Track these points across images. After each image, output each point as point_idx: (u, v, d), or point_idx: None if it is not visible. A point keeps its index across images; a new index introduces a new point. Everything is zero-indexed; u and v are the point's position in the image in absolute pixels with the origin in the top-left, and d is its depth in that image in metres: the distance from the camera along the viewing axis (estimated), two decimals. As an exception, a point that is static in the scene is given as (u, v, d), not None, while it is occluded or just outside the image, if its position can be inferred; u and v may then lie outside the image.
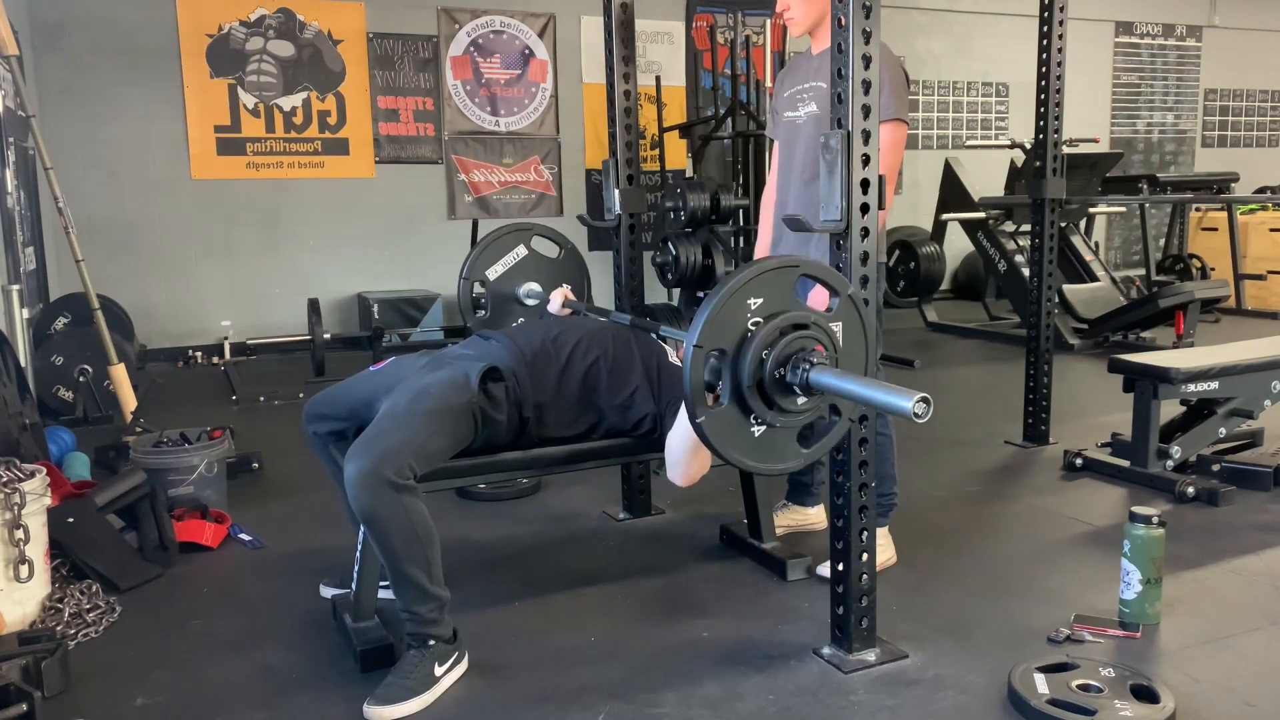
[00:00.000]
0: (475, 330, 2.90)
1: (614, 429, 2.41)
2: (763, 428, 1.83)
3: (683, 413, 2.09)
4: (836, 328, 1.87)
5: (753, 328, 1.78)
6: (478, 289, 2.99)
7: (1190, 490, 3.16)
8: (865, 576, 2.14)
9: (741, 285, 1.77)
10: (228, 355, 6.31)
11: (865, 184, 2.02)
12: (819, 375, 1.75)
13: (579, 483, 3.44)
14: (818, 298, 2.57)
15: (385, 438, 2.04)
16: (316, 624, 2.40)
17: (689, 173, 7.00)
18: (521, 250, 3.02)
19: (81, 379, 4.49)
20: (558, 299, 2.88)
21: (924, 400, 1.57)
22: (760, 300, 1.79)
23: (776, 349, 1.77)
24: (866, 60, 1.99)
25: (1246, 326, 6.69)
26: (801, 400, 1.81)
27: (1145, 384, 3.27)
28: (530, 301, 2.99)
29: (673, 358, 2.51)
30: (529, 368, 2.31)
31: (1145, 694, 1.91)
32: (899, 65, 2.53)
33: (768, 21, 7.09)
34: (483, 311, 2.99)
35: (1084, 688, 1.94)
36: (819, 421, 1.93)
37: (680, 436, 2.18)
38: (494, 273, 3.00)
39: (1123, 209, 7.64)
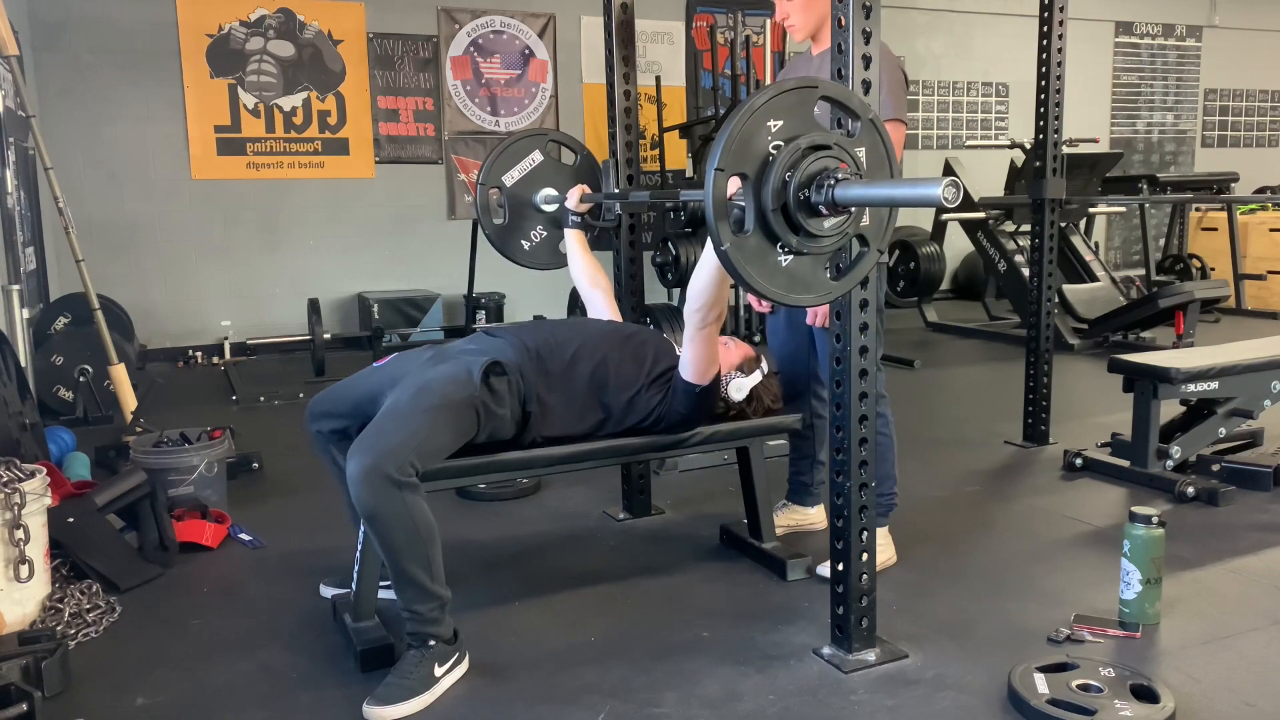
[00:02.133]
0: (497, 242, 2.91)
1: (620, 427, 2.41)
2: (789, 256, 1.76)
3: (708, 252, 2.04)
4: (859, 151, 1.80)
5: (774, 151, 1.72)
6: (495, 197, 2.93)
7: (1190, 490, 3.16)
8: (865, 576, 2.14)
9: (760, 106, 1.70)
10: (228, 355, 6.31)
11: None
12: (845, 190, 1.68)
13: (579, 483, 3.44)
14: (816, 309, 2.57)
15: (387, 435, 2.04)
16: (316, 624, 2.40)
17: (689, 173, 7.00)
18: (537, 156, 2.96)
19: (81, 379, 4.49)
20: (575, 195, 2.87)
21: (952, 184, 1.52)
22: (780, 123, 1.72)
23: (800, 169, 1.71)
24: (866, 60, 1.98)
25: (1246, 326, 6.69)
26: (829, 223, 1.74)
27: (1145, 384, 3.27)
28: (548, 207, 2.95)
29: (679, 351, 2.51)
30: (534, 363, 2.31)
31: (1145, 694, 1.91)
32: (898, 65, 2.54)
33: (768, 21, 7.09)
34: (500, 219, 2.95)
35: (1084, 688, 1.94)
36: (846, 255, 1.86)
37: (705, 276, 2.14)
38: (510, 179, 2.95)
39: (1123, 209, 7.64)
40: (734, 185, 1.72)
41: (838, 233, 1.77)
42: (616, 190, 3.05)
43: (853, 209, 1.76)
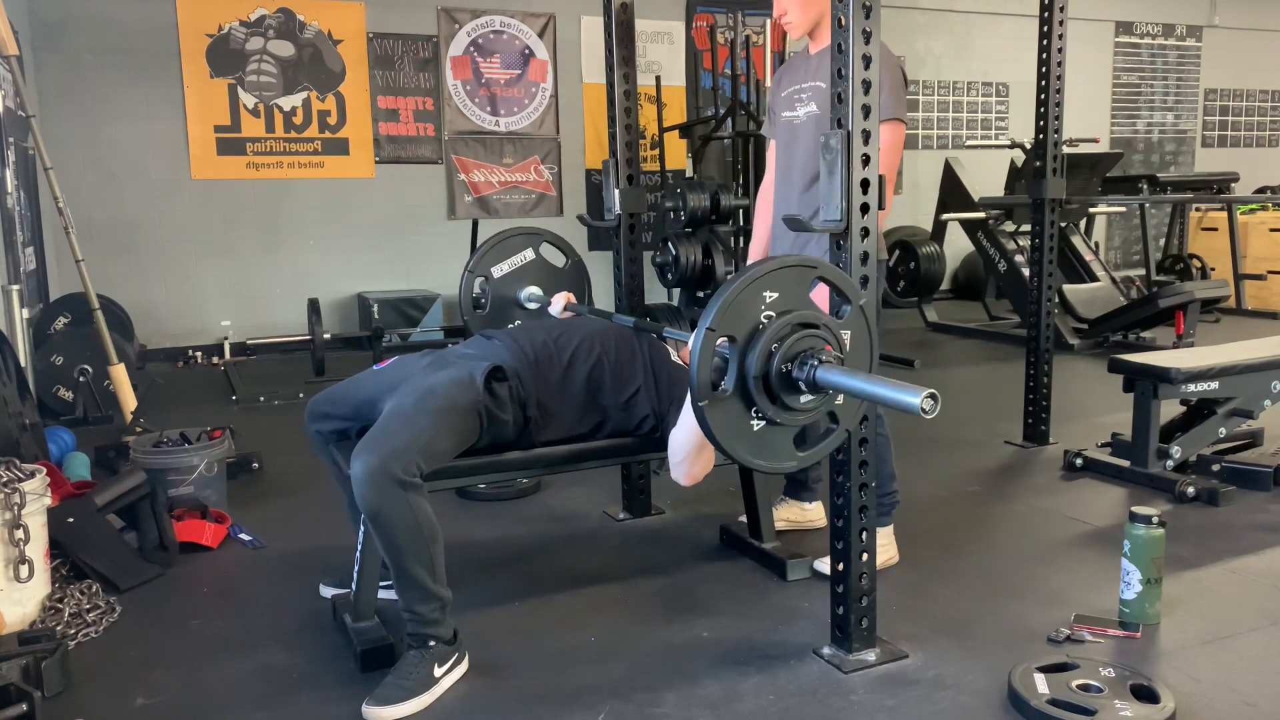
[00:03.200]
0: (475, 329, 2.90)
1: (618, 429, 2.41)
2: (762, 423, 1.83)
3: (687, 410, 2.09)
4: (845, 335, 1.88)
5: (765, 320, 1.79)
6: (480, 285, 2.99)
7: (1190, 490, 3.16)
8: (865, 576, 2.14)
9: (760, 277, 1.78)
10: (228, 355, 6.31)
11: (865, 184, 2.02)
12: (826, 373, 1.76)
13: (579, 483, 3.44)
14: (819, 295, 2.57)
15: (392, 436, 2.04)
16: (316, 624, 2.40)
17: (689, 173, 7.00)
18: (529, 254, 3.03)
19: (81, 379, 4.49)
20: (559, 303, 2.89)
21: (931, 396, 1.58)
22: (775, 295, 1.79)
23: (786, 344, 1.77)
24: (867, 60, 1.99)
25: (1246, 326, 6.69)
26: (805, 399, 1.82)
27: (1145, 384, 3.27)
28: (531, 305, 3.01)
29: (675, 357, 2.51)
30: (533, 367, 2.31)
31: (1145, 694, 1.91)
32: (897, 65, 2.54)
33: (768, 21, 7.09)
34: (482, 309, 2.99)
35: (1084, 688, 1.94)
36: (816, 428, 1.93)
37: (684, 434, 2.18)
38: (499, 271, 3.00)
39: (1123, 209, 7.64)
40: (721, 340, 1.78)
41: (812, 409, 1.85)
42: (617, 192, 3.05)
43: (829, 391, 1.82)
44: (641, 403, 2.39)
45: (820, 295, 2.47)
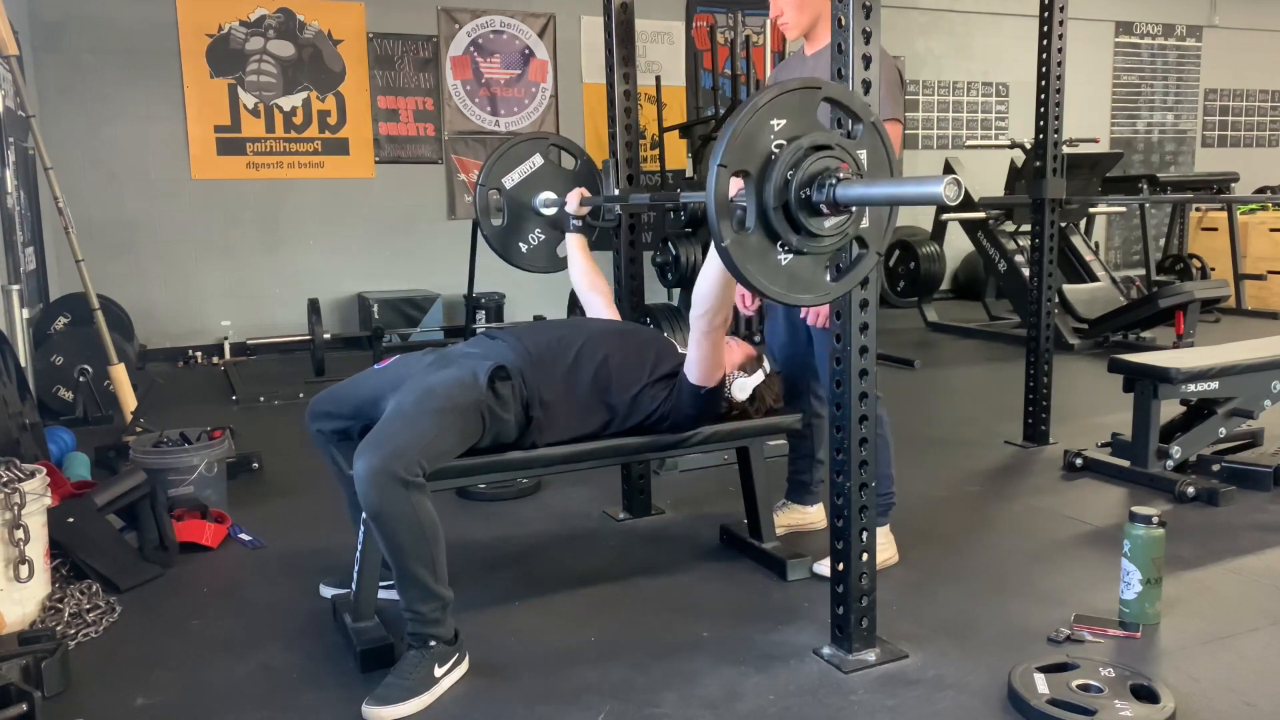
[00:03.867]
0: (495, 243, 2.90)
1: (625, 425, 2.41)
2: (790, 255, 1.77)
3: (712, 254, 2.04)
4: (861, 154, 1.80)
5: (776, 150, 1.73)
6: (494, 197, 2.93)
7: (1190, 490, 3.16)
8: (865, 576, 2.14)
9: (764, 105, 1.71)
10: (228, 355, 6.31)
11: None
12: (846, 189, 1.69)
13: (579, 483, 3.44)
14: (816, 309, 2.57)
15: (394, 435, 2.04)
16: (316, 624, 2.40)
17: (689, 173, 7.00)
18: (538, 159, 2.96)
19: (81, 379, 4.49)
20: (574, 199, 2.86)
21: (954, 182, 1.53)
22: (783, 122, 1.73)
23: (802, 168, 1.71)
24: (866, 60, 1.99)
25: (1246, 326, 6.69)
26: (829, 223, 1.75)
27: (1145, 384, 3.27)
28: (547, 210, 2.95)
29: (682, 349, 2.51)
30: (536, 367, 2.31)
31: (1145, 694, 1.91)
32: (894, 66, 2.54)
33: (768, 21, 7.08)
34: (499, 219, 2.94)
35: (1084, 688, 1.94)
36: (845, 257, 1.87)
37: (709, 279, 2.15)
38: (510, 181, 2.95)
39: (1123, 209, 7.63)
40: (736, 186, 1.72)
41: (838, 233, 1.78)
42: (616, 192, 3.05)
43: (853, 209, 1.77)
44: (647, 400, 2.39)
45: (819, 312, 2.48)
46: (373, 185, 6.84)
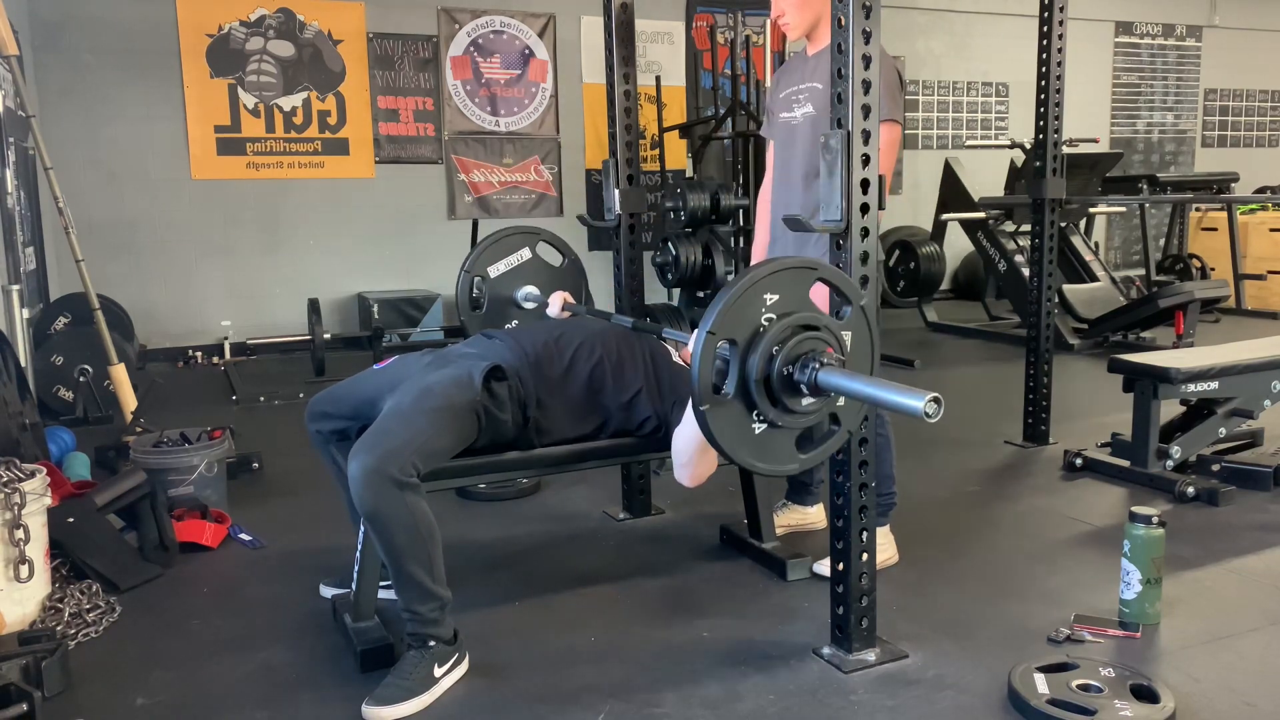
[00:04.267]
0: (473, 329, 2.91)
1: (619, 429, 2.41)
2: (764, 426, 1.83)
3: (689, 413, 2.09)
4: (846, 335, 1.88)
5: (766, 323, 1.78)
6: (477, 285, 2.98)
7: (1190, 490, 3.16)
8: (865, 576, 2.14)
9: (760, 279, 1.77)
10: (228, 355, 6.31)
11: (865, 184, 2.02)
12: (828, 375, 1.75)
13: (579, 483, 3.44)
14: (819, 294, 2.57)
15: (390, 435, 2.04)
16: (316, 624, 2.40)
17: (689, 173, 7.00)
18: (525, 253, 3.04)
19: (81, 379, 4.49)
20: (557, 302, 2.89)
21: (935, 400, 1.57)
22: (776, 297, 1.79)
23: (787, 346, 1.77)
24: (866, 60, 1.99)
25: (1246, 326, 6.69)
26: (806, 401, 1.81)
27: (1145, 384, 3.27)
28: (528, 305, 3.01)
29: (676, 358, 2.51)
30: (533, 367, 2.31)
31: (1145, 694, 1.91)
32: (893, 66, 2.54)
33: (768, 21, 7.08)
34: (480, 309, 2.99)
35: (1084, 688, 1.94)
36: (818, 429, 1.93)
37: (687, 436, 2.18)
38: (495, 271, 3.00)
39: (1123, 209, 7.63)
40: (721, 344, 1.77)
41: (814, 411, 1.85)
42: (617, 192, 3.05)
43: (831, 393, 1.81)
44: (643, 403, 2.39)
45: (820, 293, 2.47)
46: (373, 185, 6.84)
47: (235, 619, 2.45)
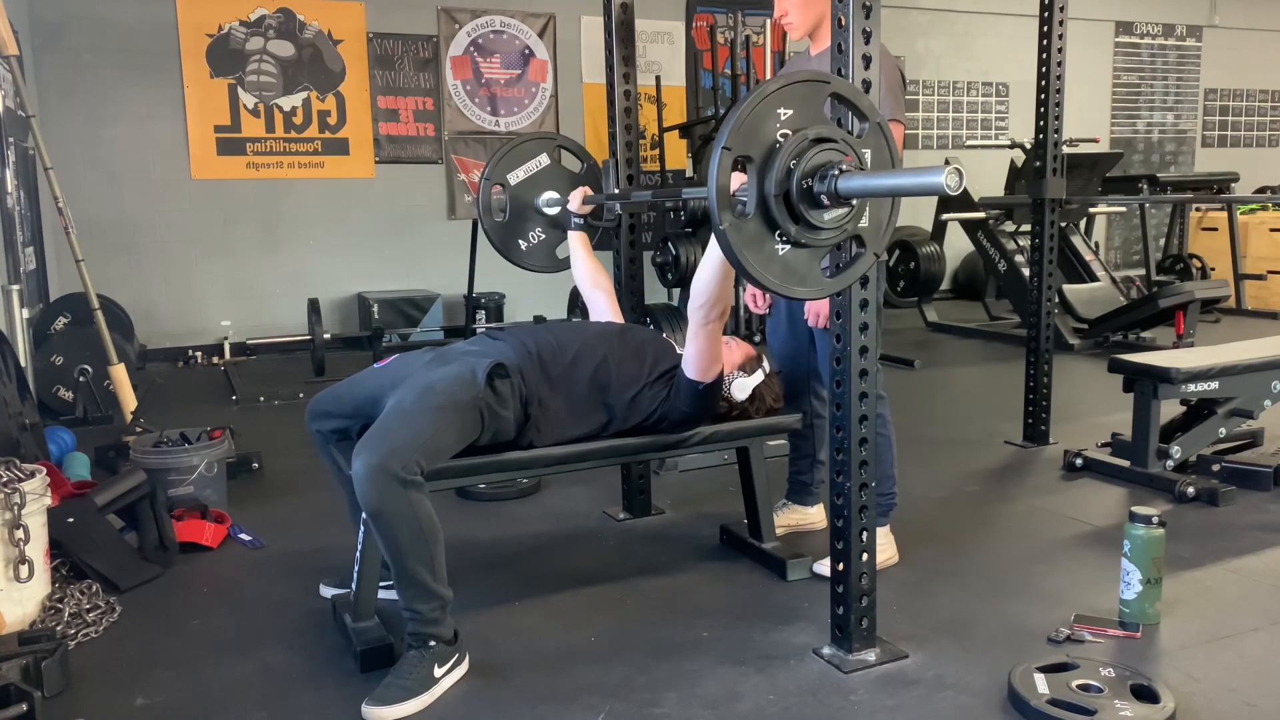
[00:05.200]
0: (496, 238, 2.90)
1: (624, 426, 2.41)
2: (787, 246, 1.77)
3: (712, 245, 2.05)
4: (865, 152, 1.80)
5: (781, 138, 1.73)
6: (497, 193, 2.94)
7: (1190, 490, 3.16)
8: (865, 576, 2.14)
9: (771, 93, 1.71)
10: (228, 355, 6.31)
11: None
12: (848, 180, 1.69)
13: (579, 483, 3.44)
14: (817, 309, 2.57)
15: (392, 433, 2.04)
16: (316, 624, 2.40)
17: (689, 173, 7.00)
18: (544, 159, 2.97)
19: (81, 379, 4.49)
20: (577, 197, 2.87)
21: (956, 171, 1.52)
22: (790, 112, 1.73)
23: (805, 158, 1.71)
24: (867, 60, 1.98)
25: (1246, 326, 6.69)
26: (829, 215, 1.75)
27: (1145, 384, 3.27)
28: (550, 209, 2.96)
29: (680, 350, 2.51)
30: (535, 366, 2.31)
31: (1145, 694, 1.91)
32: (895, 66, 2.54)
33: (768, 21, 7.08)
34: (502, 215, 2.95)
35: (1084, 688, 1.94)
36: (843, 253, 1.87)
37: (707, 270, 2.15)
38: (515, 177, 2.95)
39: (1123, 209, 7.63)
40: (738, 180, 1.73)
41: (837, 227, 1.78)
42: (617, 190, 3.05)
43: (853, 204, 1.76)
44: (646, 400, 2.39)
45: (820, 306, 2.48)
46: (373, 185, 6.84)
47: (235, 619, 2.45)
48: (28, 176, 5.14)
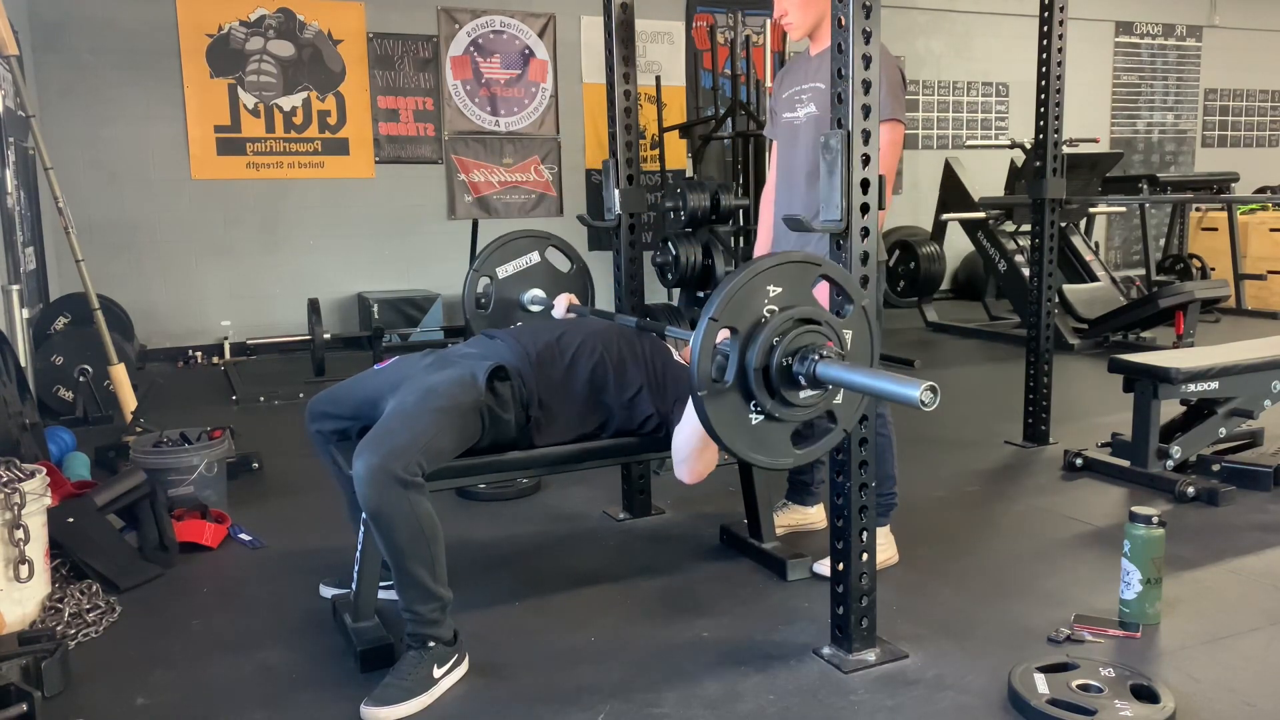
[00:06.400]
0: (477, 329, 2.90)
1: (621, 428, 2.42)
2: (761, 417, 1.83)
3: (690, 409, 2.10)
4: (847, 334, 1.88)
5: (768, 314, 1.79)
6: (484, 285, 2.99)
7: (1190, 490, 3.16)
8: (865, 576, 2.14)
9: (764, 270, 1.78)
10: (228, 355, 6.31)
11: (865, 184, 2.02)
12: (827, 368, 1.75)
13: (579, 483, 3.44)
14: (820, 293, 2.57)
15: (394, 435, 2.04)
16: (316, 624, 2.40)
17: (689, 173, 7.00)
18: (534, 257, 3.05)
19: (81, 379, 4.49)
20: (562, 304, 2.89)
21: (931, 389, 1.58)
22: (779, 290, 1.80)
23: (788, 338, 1.78)
24: (866, 60, 1.99)
25: (1246, 326, 6.69)
26: (804, 395, 1.82)
27: (1145, 384, 3.27)
28: (534, 308, 3.02)
29: (678, 357, 2.51)
30: (535, 367, 2.31)
31: (1145, 694, 1.91)
32: (896, 66, 2.54)
33: (768, 21, 7.08)
34: (485, 310, 2.99)
35: (1084, 688, 1.94)
36: (815, 426, 1.93)
37: (687, 432, 2.19)
38: (504, 272, 3.01)
39: (1123, 209, 7.63)
40: (722, 334, 1.78)
41: (810, 405, 1.85)
42: (616, 198, 3.05)
43: (829, 386, 1.81)
44: (644, 402, 2.39)
45: (821, 292, 2.47)
46: (373, 185, 6.84)
47: (235, 619, 2.45)
48: (28, 176, 5.14)
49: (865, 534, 2.13)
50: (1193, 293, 5.63)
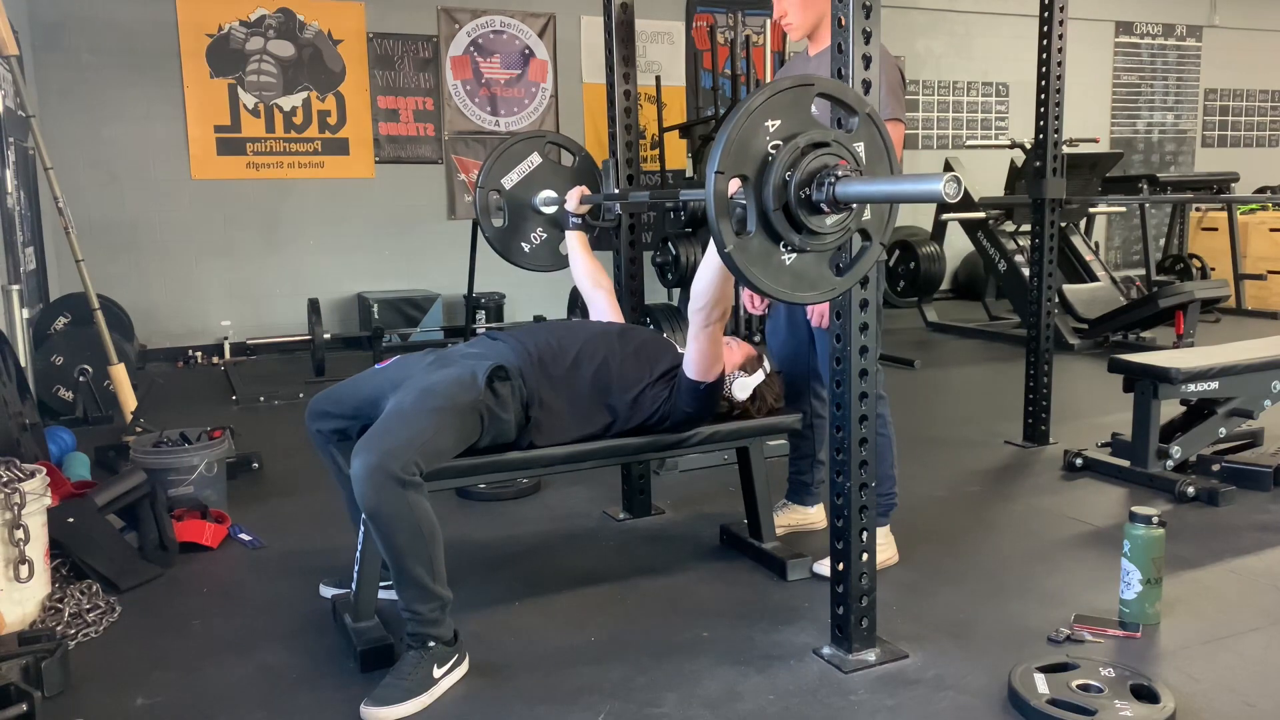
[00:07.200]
0: (497, 244, 2.90)
1: (627, 426, 2.42)
2: (793, 255, 1.76)
3: (710, 251, 2.05)
4: (858, 147, 1.79)
5: (773, 150, 1.72)
6: (494, 198, 2.93)
7: (1190, 490, 3.16)
8: (865, 576, 2.14)
9: (757, 107, 1.70)
10: (228, 355, 6.31)
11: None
12: (846, 186, 1.68)
13: (579, 483, 3.44)
14: (820, 310, 2.57)
15: (392, 434, 2.04)
16: (316, 624, 2.40)
17: (689, 173, 7.00)
18: (536, 158, 2.96)
19: (81, 379, 4.49)
20: (574, 197, 2.87)
21: (953, 180, 1.52)
22: (778, 122, 1.72)
23: (800, 168, 1.71)
24: (866, 60, 1.98)
25: (1246, 326, 6.69)
26: (831, 219, 1.74)
27: (1145, 384, 3.27)
28: (547, 209, 2.95)
29: (681, 349, 2.51)
30: (536, 367, 2.31)
31: (1145, 694, 1.91)
32: (895, 65, 2.54)
33: (768, 21, 7.08)
34: (500, 220, 2.94)
35: (1084, 688, 1.94)
36: (848, 249, 1.86)
37: (707, 276, 2.16)
38: (509, 180, 2.95)
39: (1123, 209, 7.63)
40: (734, 185, 1.72)
41: (840, 229, 1.78)
42: (616, 190, 3.05)
43: (854, 205, 1.76)
44: (649, 399, 2.39)
45: (822, 310, 2.46)
46: (373, 185, 6.84)
47: (235, 619, 2.45)
48: (28, 176, 5.14)
49: (865, 534, 2.13)
50: (1193, 293, 5.63)
